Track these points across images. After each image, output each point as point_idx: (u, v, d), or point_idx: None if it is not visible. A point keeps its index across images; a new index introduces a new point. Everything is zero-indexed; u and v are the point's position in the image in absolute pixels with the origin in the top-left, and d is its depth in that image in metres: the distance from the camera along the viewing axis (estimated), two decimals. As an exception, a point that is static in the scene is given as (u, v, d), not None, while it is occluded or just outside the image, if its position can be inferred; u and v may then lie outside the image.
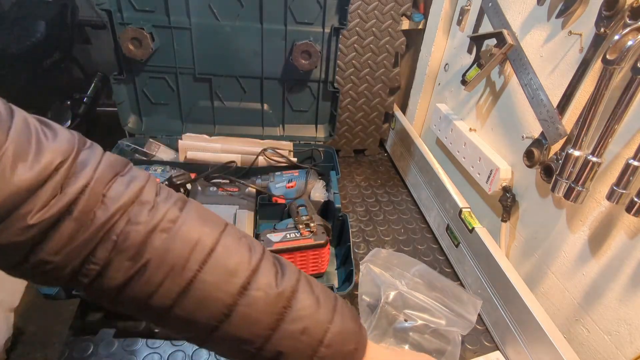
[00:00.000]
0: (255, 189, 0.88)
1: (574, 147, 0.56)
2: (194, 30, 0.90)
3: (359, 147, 1.23)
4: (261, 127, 1.04)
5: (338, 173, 0.91)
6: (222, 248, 0.35)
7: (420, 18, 1.07)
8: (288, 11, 0.89)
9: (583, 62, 0.57)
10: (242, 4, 0.88)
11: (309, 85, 0.99)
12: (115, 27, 0.87)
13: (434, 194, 0.95)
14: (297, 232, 0.73)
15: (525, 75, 0.68)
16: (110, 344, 0.63)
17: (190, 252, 0.33)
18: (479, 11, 0.82)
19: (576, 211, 0.60)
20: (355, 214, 0.99)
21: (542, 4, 0.65)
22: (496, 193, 0.75)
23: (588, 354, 0.58)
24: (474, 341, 0.70)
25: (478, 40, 0.78)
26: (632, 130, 0.51)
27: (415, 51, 1.13)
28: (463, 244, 0.81)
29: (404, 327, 0.65)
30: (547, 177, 0.63)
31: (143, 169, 0.89)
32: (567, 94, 0.60)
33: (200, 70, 0.95)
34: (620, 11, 0.50)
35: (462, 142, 0.85)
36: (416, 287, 0.69)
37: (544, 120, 0.63)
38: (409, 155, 1.10)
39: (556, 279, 0.64)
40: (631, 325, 0.52)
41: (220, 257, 0.34)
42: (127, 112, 0.98)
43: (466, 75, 0.79)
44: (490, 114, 0.80)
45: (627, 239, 0.52)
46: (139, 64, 0.92)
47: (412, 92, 1.13)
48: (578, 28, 0.59)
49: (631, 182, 0.48)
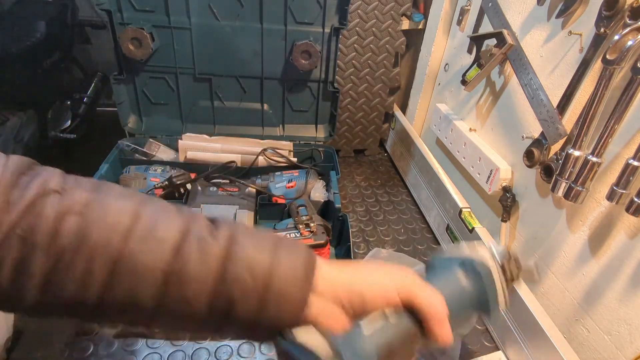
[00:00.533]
0: (255, 189, 0.88)
1: (574, 147, 0.56)
2: (194, 30, 0.90)
3: (359, 147, 1.23)
4: (261, 127, 1.04)
5: (338, 173, 0.91)
6: (146, 217, 0.33)
7: (420, 18, 1.07)
8: (288, 11, 0.90)
9: (583, 62, 0.57)
10: (242, 4, 0.88)
11: (309, 85, 0.99)
12: (115, 27, 0.87)
13: (434, 194, 0.95)
14: (297, 232, 0.73)
15: (525, 75, 0.68)
16: (110, 344, 0.63)
17: (111, 229, 0.31)
18: (479, 11, 0.82)
19: (576, 211, 0.60)
20: (355, 214, 0.99)
21: (542, 4, 0.65)
22: (496, 193, 0.75)
23: (588, 354, 0.58)
24: (474, 341, 0.70)
25: (478, 40, 0.78)
26: (632, 130, 0.51)
27: (415, 51, 1.13)
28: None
29: (404, 327, 0.65)
30: (547, 177, 0.63)
31: (138, 169, 0.89)
32: (567, 94, 0.60)
33: (200, 70, 0.95)
34: (620, 11, 0.50)
35: (462, 142, 0.85)
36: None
37: (544, 120, 0.63)
38: (409, 155, 1.10)
39: (556, 279, 0.64)
40: (631, 325, 0.52)
41: (144, 227, 0.32)
42: (127, 112, 0.98)
43: (466, 75, 0.79)
44: (490, 114, 0.80)
45: (627, 239, 0.52)
46: (139, 64, 0.92)
47: (412, 92, 1.13)
48: (578, 28, 0.59)
49: (631, 182, 0.48)
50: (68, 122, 1.72)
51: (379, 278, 0.36)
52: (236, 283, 0.33)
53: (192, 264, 0.32)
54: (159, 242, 0.32)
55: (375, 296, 0.35)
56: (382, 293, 0.35)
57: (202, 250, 0.33)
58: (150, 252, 0.31)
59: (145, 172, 0.89)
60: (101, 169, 0.84)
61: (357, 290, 0.35)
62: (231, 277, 0.33)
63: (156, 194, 0.82)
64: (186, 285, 0.32)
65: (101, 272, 0.31)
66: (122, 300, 0.32)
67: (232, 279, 0.33)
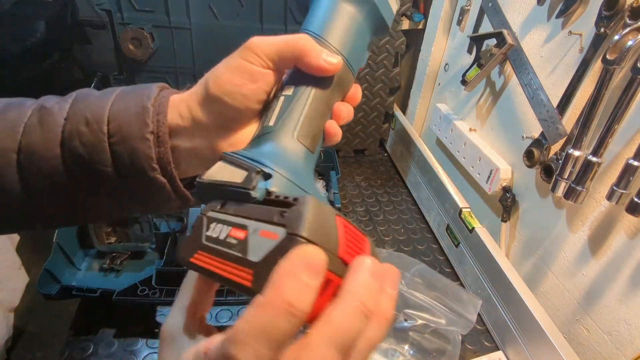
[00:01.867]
0: (255, 189, 0.88)
1: (574, 147, 0.56)
2: (194, 30, 0.90)
3: (359, 147, 1.23)
4: (261, 127, 1.04)
5: (338, 173, 0.91)
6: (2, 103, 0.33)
7: (420, 18, 1.07)
8: (288, 11, 0.89)
9: (583, 62, 0.57)
10: (242, 4, 0.88)
11: (309, 85, 0.99)
12: (115, 27, 0.87)
13: (434, 194, 0.95)
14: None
15: (525, 75, 0.68)
16: (110, 344, 0.63)
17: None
18: (479, 11, 0.82)
19: (576, 211, 0.60)
20: (355, 214, 0.99)
21: (542, 4, 0.65)
22: (496, 193, 0.75)
23: (588, 354, 0.58)
24: (474, 341, 0.70)
25: (478, 40, 0.78)
26: (632, 130, 0.51)
27: (415, 51, 1.13)
28: (463, 244, 0.81)
29: (404, 327, 0.65)
30: (547, 177, 0.63)
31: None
32: (567, 94, 0.60)
33: (200, 70, 0.94)
34: (620, 11, 0.50)
35: (462, 142, 0.85)
36: (416, 287, 0.69)
37: (544, 120, 0.63)
38: (409, 155, 1.10)
39: (556, 279, 0.64)
40: (631, 325, 0.52)
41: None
42: (127, 112, 0.98)
43: (466, 75, 0.79)
44: (490, 114, 0.80)
45: (627, 239, 0.52)
46: (139, 64, 0.92)
47: (412, 92, 1.13)
48: (578, 28, 0.59)
49: (631, 182, 0.48)
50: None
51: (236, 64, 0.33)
52: (75, 139, 0.31)
53: (35, 137, 0.31)
54: (6, 123, 0.31)
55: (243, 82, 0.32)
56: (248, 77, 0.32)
57: (43, 120, 0.32)
58: (2, 135, 0.31)
59: (145, 172, 0.89)
60: (101, 169, 0.84)
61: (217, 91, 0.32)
62: (69, 135, 0.31)
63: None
64: (36, 159, 0.31)
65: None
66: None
67: (70, 137, 0.31)
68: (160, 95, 0.34)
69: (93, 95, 0.34)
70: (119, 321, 0.66)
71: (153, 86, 0.35)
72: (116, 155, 0.31)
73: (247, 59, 0.32)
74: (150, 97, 0.33)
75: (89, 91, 0.34)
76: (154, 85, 0.35)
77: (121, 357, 0.62)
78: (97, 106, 0.32)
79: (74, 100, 0.33)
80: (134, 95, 0.33)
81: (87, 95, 0.34)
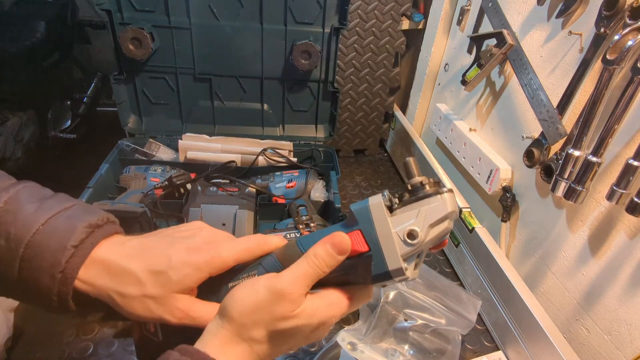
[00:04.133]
0: (255, 189, 0.88)
1: (574, 147, 0.56)
2: (194, 30, 0.90)
3: (359, 147, 1.23)
4: (261, 127, 1.04)
5: (338, 173, 0.91)
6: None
7: (420, 18, 1.07)
8: (288, 11, 0.89)
9: (583, 62, 0.57)
10: (242, 4, 0.88)
11: (308, 85, 0.99)
12: (115, 27, 0.87)
13: (434, 194, 0.94)
14: (297, 232, 0.73)
15: (525, 75, 0.68)
16: (110, 344, 0.63)
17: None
18: (479, 11, 0.82)
19: (576, 211, 0.60)
20: (355, 214, 0.99)
21: (542, 4, 0.65)
22: (496, 193, 0.75)
23: (588, 354, 0.58)
24: (474, 341, 0.70)
25: (478, 40, 0.78)
26: (632, 130, 0.51)
27: (415, 51, 1.13)
28: (463, 244, 0.81)
29: (404, 327, 0.65)
30: (547, 177, 0.63)
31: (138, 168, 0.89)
32: (567, 94, 0.60)
33: (200, 70, 0.95)
34: (620, 11, 0.50)
35: (462, 142, 0.85)
36: (416, 287, 0.69)
37: (544, 120, 0.63)
38: (409, 155, 1.10)
39: (556, 279, 0.64)
40: (631, 325, 0.52)
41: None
42: (127, 112, 0.98)
43: (466, 75, 0.79)
44: (490, 114, 0.80)
45: (627, 239, 0.52)
46: (139, 64, 0.92)
47: (412, 92, 1.13)
48: (578, 28, 0.59)
49: (631, 182, 0.48)
50: (68, 122, 1.72)
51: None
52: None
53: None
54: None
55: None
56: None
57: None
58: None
59: (145, 172, 0.89)
60: (101, 169, 0.84)
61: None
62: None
63: (156, 194, 0.82)
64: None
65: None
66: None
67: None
68: (87, 241, 0.35)
69: (26, 209, 0.35)
70: (119, 321, 0.66)
71: (87, 222, 0.36)
72: (22, 276, 0.34)
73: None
74: (76, 239, 0.34)
75: (29, 198, 0.35)
76: (91, 220, 0.36)
77: (121, 357, 0.62)
78: (24, 225, 0.34)
79: (4, 210, 0.34)
80: (63, 230, 0.35)
81: (22, 206, 0.35)
